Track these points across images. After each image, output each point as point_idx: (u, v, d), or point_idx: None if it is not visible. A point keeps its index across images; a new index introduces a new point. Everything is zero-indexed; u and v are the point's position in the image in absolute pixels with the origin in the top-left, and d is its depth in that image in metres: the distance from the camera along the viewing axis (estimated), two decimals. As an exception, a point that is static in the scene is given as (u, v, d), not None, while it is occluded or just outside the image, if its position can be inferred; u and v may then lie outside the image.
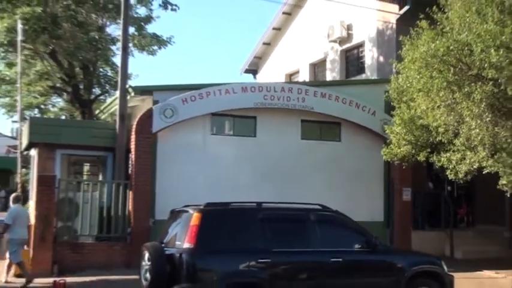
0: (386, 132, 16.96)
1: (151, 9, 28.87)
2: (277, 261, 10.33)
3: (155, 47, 29.85)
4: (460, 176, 14.39)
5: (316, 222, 11.03)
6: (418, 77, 14.09)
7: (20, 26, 23.58)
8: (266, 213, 10.85)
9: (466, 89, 12.89)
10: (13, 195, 16.79)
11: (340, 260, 10.70)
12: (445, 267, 11.75)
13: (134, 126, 17.64)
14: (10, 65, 29.34)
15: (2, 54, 28.61)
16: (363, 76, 22.93)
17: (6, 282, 15.27)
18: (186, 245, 9.93)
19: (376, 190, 19.71)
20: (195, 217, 10.08)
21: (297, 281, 10.54)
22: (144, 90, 18.63)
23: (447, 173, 15.00)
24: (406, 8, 20.27)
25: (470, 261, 18.25)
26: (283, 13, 27.89)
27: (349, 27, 23.79)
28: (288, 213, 11.34)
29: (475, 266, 17.19)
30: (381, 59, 22.11)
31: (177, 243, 10.29)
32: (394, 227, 19.47)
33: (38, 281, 14.86)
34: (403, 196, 19.64)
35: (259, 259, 10.13)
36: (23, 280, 15.00)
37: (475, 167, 14.01)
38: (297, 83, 22.93)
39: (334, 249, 10.82)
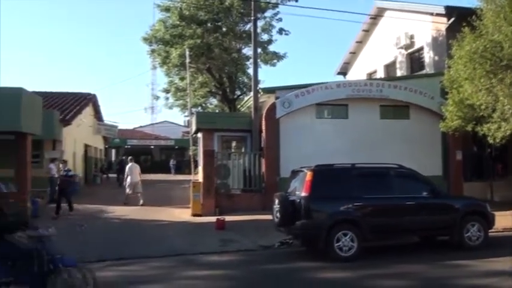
0: (443, 110, 16.01)
1: (271, 35, 28.88)
2: (367, 204, 10.11)
3: (275, 61, 29.77)
4: (497, 140, 13.58)
5: (395, 176, 10.68)
6: (464, 69, 13.45)
7: (187, 53, 24.16)
8: (358, 171, 10.60)
9: (499, 76, 12.33)
10: (129, 157, 21.03)
11: (413, 203, 10.31)
12: (489, 208, 11.04)
13: (264, 115, 17.73)
14: (182, 78, 30.24)
15: (177, 71, 29.55)
16: (423, 71, 21.72)
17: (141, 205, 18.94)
18: (303, 193, 9.89)
19: (436, 153, 18.65)
20: (308, 174, 10.00)
21: (382, 218, 10.22)
22: (269, 90, 18.68)
23: (487, 139, 14.10)
24: (452, 19, 18.95)
25: (505, 203, 16.89)
26: (363, 30, 26.96)
27: (411, 37, 22.64)
28: (374, 171, 11.00)
29: (509, 206, 15.95)
30: (436, 58, 20.85)
31: (297, 192, 10.26)
32: (450, 179, 18.38)
33: (206, 218, 15.35)
34: (456, 157, 18.54)
35: (354, 203, 9.95)
36: (198, 218, 15.57)
37: (508, 133, 13.21)
38: (376, 79, 22.11)
39: (408, 195, 10.41)
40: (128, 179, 19.92)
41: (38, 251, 6.32)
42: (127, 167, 20.70)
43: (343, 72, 29.94)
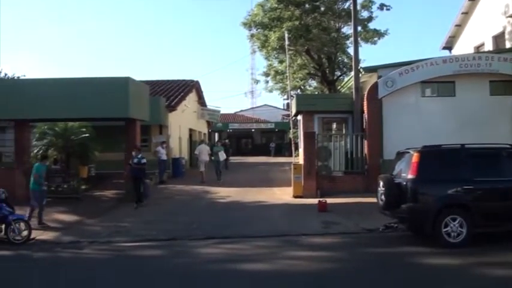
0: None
1: (371, 12, 28.04)
2: (478, 188, 9.50)
3: (376, 39, 28.93)
4: None
5: (507, 158, 9.95)
6: None
7: (286, 35, 24.18)
8: (468, 151, 9.94)
9: None
10: (201, 139, 23.87)
11: None
12: None
13: (366, 95, 17.33)
14: (281, 61, 30.44)
15: (276, 55, 29.75)
16: (535, 41, 19.85)
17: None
18: (409, 176, 9.57)
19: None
20: (415, 156, 9.63)
21: (494, 202, 9.60)
22: (370, 69, 18.22)
23: None
24: None
25: None
26: (469, 0, 25.15)
27: (520, 3, 20.74)
28: (485, 152, 10.29)
29: None
30: (548, 24, 18.97)
31: (403, 175, 9.93)
32: None
33: (307, 200, 15.41)
34: None
35: (464, 186, 9.43)
36: (300, 200, 15.67)
37: None
38: (484, 52, 20.54)
39: (522, 178, 9.61)
40: (198, 159, 22.14)
41: None
42: (197, 148, 22.97)
43: (449, 46, 28.17)
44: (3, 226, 11.00)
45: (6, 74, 19.34)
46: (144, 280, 7.70)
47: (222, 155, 22.24)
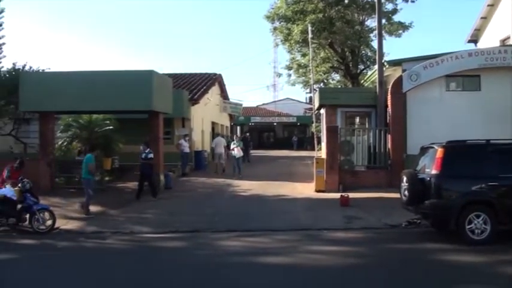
0: None
1: (396, 4, 27.82)
2: (504, 184, 9.32)
3: (400, 31, 28.60)
4: None
5: None
6: None
7: (309, 28, 24.04)
8: (494, 147, 9.76)
9: None
10: (216, 132, 24.77)
11: None
12: None
13: (390, 89, 17.18)
14: (304, 55, 30.32)
15: (299, 48, 29.63)
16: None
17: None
18: (433, 171, 9.47)
19: None
20: (439, 151, 9.52)
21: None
22: (395, 63, 18.10)
23: None
24: None
25: None
26: (496, -9, 24.59)
27: (545, -4, 20.20)
28: (510, 147, 10.03)
29: None
30: None
31: (427, 170, 9.85)
32: None
33: (329, 194, 15.36)
34: None
35: (488, 182, 9.27)
36: (322, 194, 15.62)
37: None
38: (511, 45, 20.07)
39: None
40: (214, 151, 23.13)
41: None
42: (214, 141, 24.00)
43: (474, 39, 27.56)
44: (27, 216, 11.30)
45: (31, 67, 19.54)
46: (167, 270, 7.80)
47: (239, 151, 21.26)
